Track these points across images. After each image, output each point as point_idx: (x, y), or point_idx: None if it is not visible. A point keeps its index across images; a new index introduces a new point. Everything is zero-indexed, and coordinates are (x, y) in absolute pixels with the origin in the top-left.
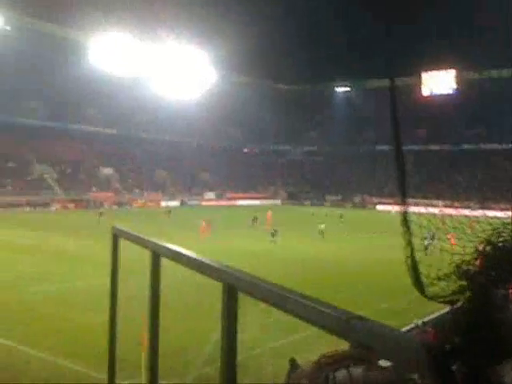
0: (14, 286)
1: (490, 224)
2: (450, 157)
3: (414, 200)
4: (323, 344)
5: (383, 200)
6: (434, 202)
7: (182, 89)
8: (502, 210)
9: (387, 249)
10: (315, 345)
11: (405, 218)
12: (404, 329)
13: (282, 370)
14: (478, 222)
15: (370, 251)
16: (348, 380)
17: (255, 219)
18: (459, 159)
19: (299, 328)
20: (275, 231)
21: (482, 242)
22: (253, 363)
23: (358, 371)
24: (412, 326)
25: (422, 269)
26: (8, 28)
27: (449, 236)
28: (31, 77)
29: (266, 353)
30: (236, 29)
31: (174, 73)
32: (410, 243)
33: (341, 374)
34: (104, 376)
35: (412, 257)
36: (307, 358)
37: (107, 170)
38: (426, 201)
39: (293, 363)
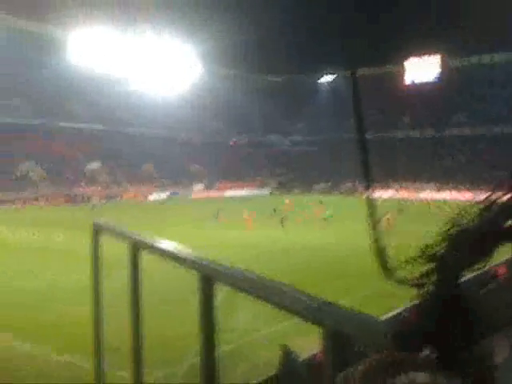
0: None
1: (459, 206)
2: (433, 143)
3: (402, 185)
4: (315, 329)
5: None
6: (422, 185)
7: (168, 83)
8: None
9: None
10: (307, 331)
11: (370, 203)
12: (387, 315)
13: (275, 357)
14: (445, 205)
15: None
16: None
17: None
18: (442, 145)
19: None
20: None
21: (447, 224)
22: (246, 351)
23: (421, 377)
24: (394, 312)
25: (389, 253)
26: None
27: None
28: (14, 75)
29: (259, 340)
30: (220, 22)
31: (159, 67)
32: (375, 228)
33: (401, 380)
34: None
35: (378, 241)
36: (299, 345)
37: (95, 165)
38: (414, 184)
39: (285, 350)
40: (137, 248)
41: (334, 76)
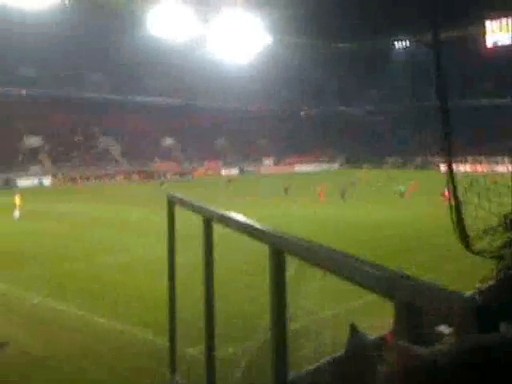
0: (83, 257)
1: None
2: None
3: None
4: (383, 310)
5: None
6: (501, 158)
7: (238, 54)
8: None
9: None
10: (375, 310)
11: (450, 174)
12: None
13: (343, 336)
14: None
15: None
16: None
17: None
18: None
19: (359, 293)
20: None
21: None
22: (313, 329)
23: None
24: (475, 291)
25: (468, 223)
26: (66, 2)
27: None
28: (93, 51)
29: (327, 318)
30: None
31: (230, 38)
32: (454, 197)
33: None
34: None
35: (457, 211)
36: (367, 323)
37: (169, 141)
38: (491, 158)
39: (353, 329)
40: (210, 221)
41: (408, 41)
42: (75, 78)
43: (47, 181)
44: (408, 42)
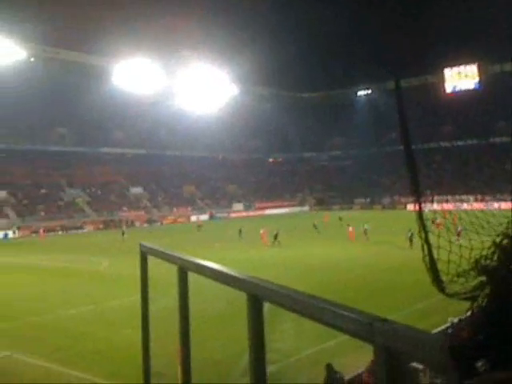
0: (48, 310)
1: (507, 217)
2: (478, 152)
3: (443, 197)
4: (357, 348)
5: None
6: (464, 197)
7: (204, 105)
8: None
9: (415, 248)
10: (349, 350)
11: (420, 216)
12: (440, 328)
13: (320, 376)
14: (494, 216)
15: (394, 252)
16: None
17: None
18: (487, 153)
19: (333, 334)
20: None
21: (498, 236)
22: (290, 371)
23: None
24: (447, 324)
25: (441, 266)
26: (32, 59)
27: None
28: (58, 105)
29: (303, 360)
30: (253, 43)
31: (196, 91)
32: (426, 241)
33: None
34: None
35: (430, 255)
36: (343, 363)
37: (136, 190)
38: (456, 197)
39: (329, 368)
40: (184, 269)
41: (370, 90)
42: (40, 133)
43: (12, 234)
44: (370, 91)
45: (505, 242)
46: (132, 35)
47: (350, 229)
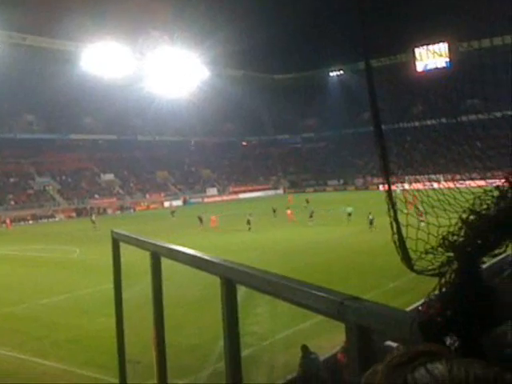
0: (21, 300)
1: (473, 193)
2: (447, 130)
3: (414, 177)
4: (331, 329)
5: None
6: (435, 176)
7: (175, 88)
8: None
9: (388, 228)
10: (324, 331)
11: (389, 195)
12: (415, 305)
13: (295, 357)
14: (460, 193)
15: (367, 232)
16: (430, 379)
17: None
18: (457, 132)
19: (308, 316)
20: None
21: (465, 212)
22: (265, 353)
23: (438, 368)
24: (422, 301)
25: (409, 244)
26: None
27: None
28: (26, 91)
29: (277, 342)
30: (224, 24)
31: (166, 74)
32: (395, 220)
33: (419, 373)
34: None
35: (398, 233)
36: (318, 344)
37: (108, 176)
38: (427, 176)
39: (305, 349)
40: (158, 255)
41: (342, 71)
42: (8, 120)
43: None
44: (342, 71)
45: (471, 217)
46: (99, 18)
47: (289, 211)
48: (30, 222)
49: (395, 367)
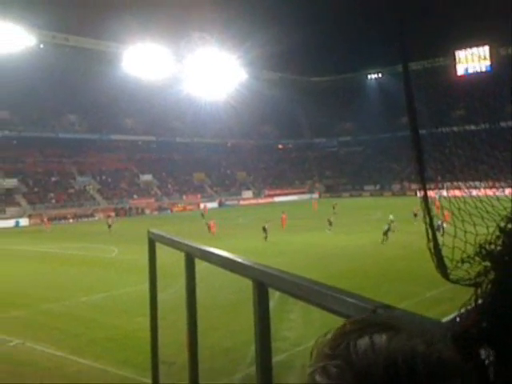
0: (62, 298)
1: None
2: (489, 136)
3: (455, 184)
4: None
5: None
6: (473, 183)
7: (214, 90)
8: None
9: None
10: None
11: (425, 201)
12: (451, 316)
13: None
14: (498, 200)
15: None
16: (369, 348)
17: None
18: (498, 138)
19: (340, 322)
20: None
21: (503, 220)
22: (298, 360)
23: (382, 338)
24: (457, 312)
25: (445, 252)
26: (42, 46)
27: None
28: (68, 92)
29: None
30: (262, 27)
31: (205, 76)
32: (430, 226)
33: (363, 341)
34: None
35: (434, 240)
36: None
37: (146, 177)
38: (466, 183)
39: None
40: (192, 256)
41: (381, 74)
42: (51, 120)
43: (24, 222)
44: (381, 74)
45: (509, 226)
46: (141, 20)
47: (283, 216)
48: (71, 220)
49: (345, 333)
